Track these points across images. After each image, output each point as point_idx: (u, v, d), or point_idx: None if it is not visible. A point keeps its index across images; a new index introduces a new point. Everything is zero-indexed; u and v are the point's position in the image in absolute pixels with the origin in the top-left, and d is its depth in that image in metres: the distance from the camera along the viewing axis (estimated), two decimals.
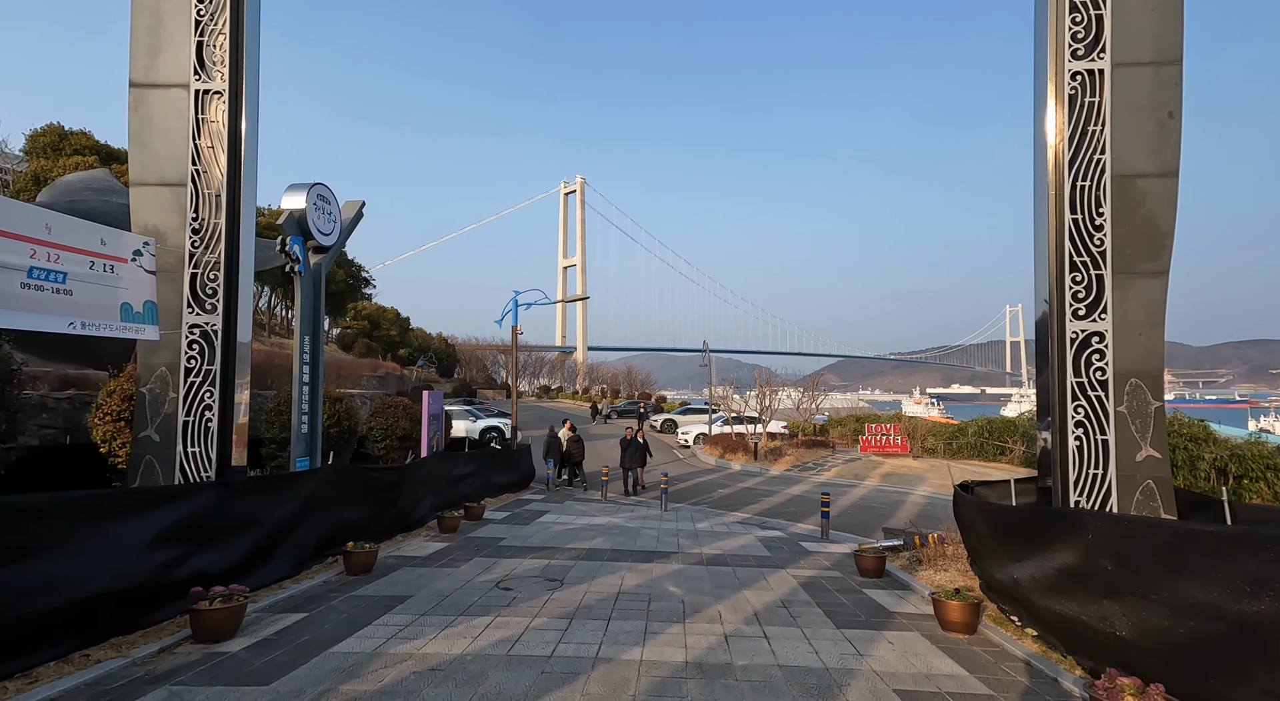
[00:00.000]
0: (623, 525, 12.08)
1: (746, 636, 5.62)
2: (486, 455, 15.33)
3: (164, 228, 7.02)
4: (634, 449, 16.86)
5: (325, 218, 10.09)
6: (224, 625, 5.05)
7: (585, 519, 12.67)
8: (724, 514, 14.63)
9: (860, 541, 11.71)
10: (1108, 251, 6.32)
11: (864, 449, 25.80)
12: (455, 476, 12.71)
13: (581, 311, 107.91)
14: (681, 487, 18.41)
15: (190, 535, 5.63)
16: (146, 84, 7.07)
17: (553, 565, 8.31)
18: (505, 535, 10.50)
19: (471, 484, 13.52)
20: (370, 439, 15.56)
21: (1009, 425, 27.64)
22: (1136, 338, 6.25)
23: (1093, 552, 4.57)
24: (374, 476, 9.10)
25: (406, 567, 7.94)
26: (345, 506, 8.31)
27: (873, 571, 8.09)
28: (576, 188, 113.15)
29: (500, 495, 15.52)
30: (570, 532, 10.95)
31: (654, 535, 11.05)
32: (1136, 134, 6.32)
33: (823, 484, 20.08)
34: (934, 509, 16.33)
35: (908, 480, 20.85)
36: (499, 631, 5.54)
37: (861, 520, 14.46)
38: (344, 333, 60.72)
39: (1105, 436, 6.20)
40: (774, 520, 14.00)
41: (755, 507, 15.61)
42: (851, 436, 33.11)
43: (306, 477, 7.51)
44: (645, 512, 13.95)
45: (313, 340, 9.91)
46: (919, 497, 18.03)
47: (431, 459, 11.45)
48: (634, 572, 8.00)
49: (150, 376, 6.91)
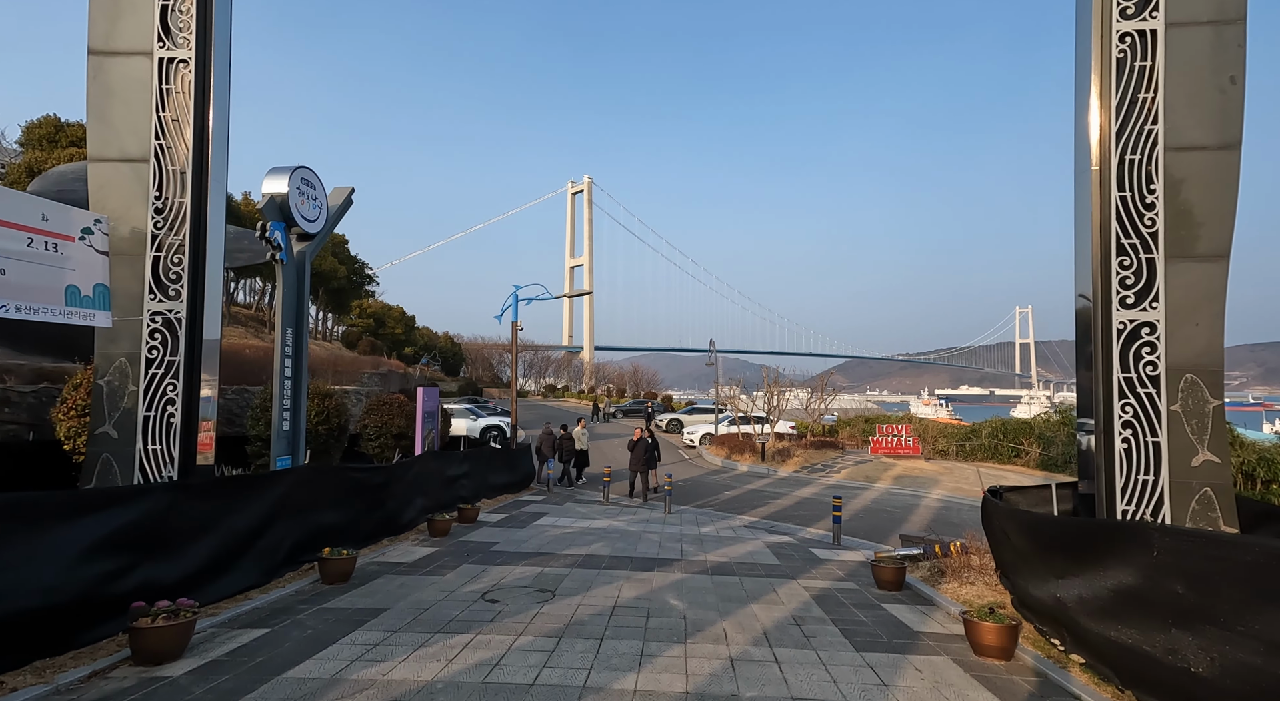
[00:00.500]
0: (623, 529, 11.49)
1: (755, 660, 5.01)
2: (484, 454, 14.76)
3: (125, 207, 6.49)
4: (643, 450, 15.88)
5: (310, 203, 9.55)
6: (167, 645, 4.50)
7: (585, 522, 12.08)
8: (730, 517, 14.02)
9: (875, 549, 11.08)
10: (1159, 232, 5.67)
11: (874, 450, 25.09)
12: (450, 477, 12.15)
13: (588, 311, 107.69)
14: (686, 489, 17.80)
15: (138, 542, 5.08)
16: (106, 51, 6.54)
17: (545, 574, 7.72)
18: (499, 539, 9.93)
19: (467, 485, 12.96)
20: (364, 437, 15.04)
21: (1024, 427, 26.87)
22: (1192, 328, 5.60)
23: (1159, 573, 3.94)
24: (357, 477, 8.55)
25: (388, 575, 7.37)
26: (324, 509, 7.76)
27: (891, 583, 7.45)
28: (584, 187, 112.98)
29: (499, 496, 14.97)
30: (568, 537, 10.37)
31: (656, 540, 10.45)
32: (1193, 101, 5.67)
33: (833, 486, 19.43)
34: (950, 513, 15.66)
35: (921, 483, 20.16)
36: (478, 652, 4.96)
37: (875, 525, 13.81)
38: (349, 330, 60.48)
39: (1156, 438, 5.56)
40: (783, 524, 13.38)
41: (763, 511, 14.99)
42: (861, 437, 32.41)
43: (278, 479, 6.95)
44: (648, 516, 13.36)
45: (296, 332, 9.37)
46: (933, 501, 17.35)
47: (423, 458, 10.90)
48: (633, 583, 7.41)
49: (108, 368, 6.38)
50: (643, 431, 16.19)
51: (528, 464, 17.24)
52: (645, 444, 15.75)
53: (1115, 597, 4.33)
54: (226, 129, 6.93)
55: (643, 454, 15.67)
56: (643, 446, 15.72)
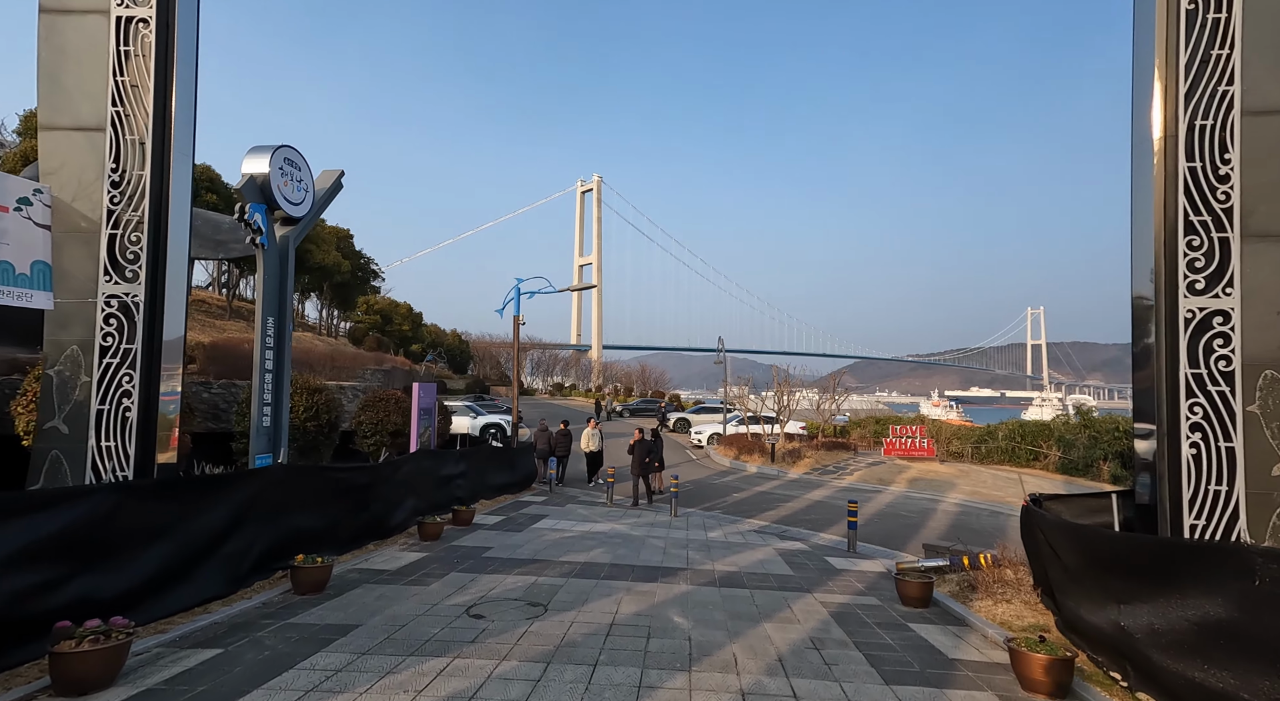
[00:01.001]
0: (626, 533, 10.86)
1: (770, 694, 4.37)
2: (483, 453, 14.17)
3: (78, 180, 5.93)
4: (643, 452, 14.94)
5: (294, 185, 8.98)
6: (94, 671, 3.92)
7: (586, 525, 11.47)
8: (739, 521, 13.36)
9: (894, 557, 10.40)
10: (1235, 208, 4.97)
11: (888, 452, 24.34)
12: (444, 476, 11.57)
13: (596, 310, 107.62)
14: (694, 491, 17.15)
15: (74, 551, 4.51)
16: (59, 9, 5.98)
17: (539, 584, 7.11)
18: (493, 544, 9.33)
19: (464, 485, 12.38)
20: (359, 434, 14.52)
21: (1042, 429, 26.02)
22: (1272, 317, 4.91)
23: (1265, 607, 3.27)
24: (339, 477, 7.97)
25: (368, 584, 6.79)
26: (301, 512, 7.18)
27: (917, 599, 6.79)
28: (593, 186, 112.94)
29: (498, 496, 14.38)
30: (566, 542, 9.76)
31: (660, 546, 9.82)
32: (1275, 58, 4.97)
33: (845, 489, 18.72)
34: (969, 518, 14.94)
35: (937, 486, 19.41)
36: (452, 681, 4.35)
37: (891, 530, 13.11)
38: (355, 327, 60.24)
39: (1230, 443, 4.87)
40: (794, 529, 12.71)
41: (773, 514, 14.32)
42: (872, 438, 31.63)
43: (246, 479, 6.37)
44: (653, 519, 12.73)
45: (278, 322, 8.81)
46: (951, 506, 16.62)
47: (415, 457, 10.32)
48: (633, 595, 6.78)
49: (59, 356, 5.83)
50: (642, 432, 15.49)
51: (529, 463, 16.65)
52: (645, 445, 15.03)
53: (1201, 631, 3.66)
54: (193, 97, 6.36)
55: (642, 456, 14.91)
56: (642, 448, 14.98)
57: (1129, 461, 22.20)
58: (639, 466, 14.82)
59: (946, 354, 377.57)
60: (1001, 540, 12.80)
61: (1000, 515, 15.75)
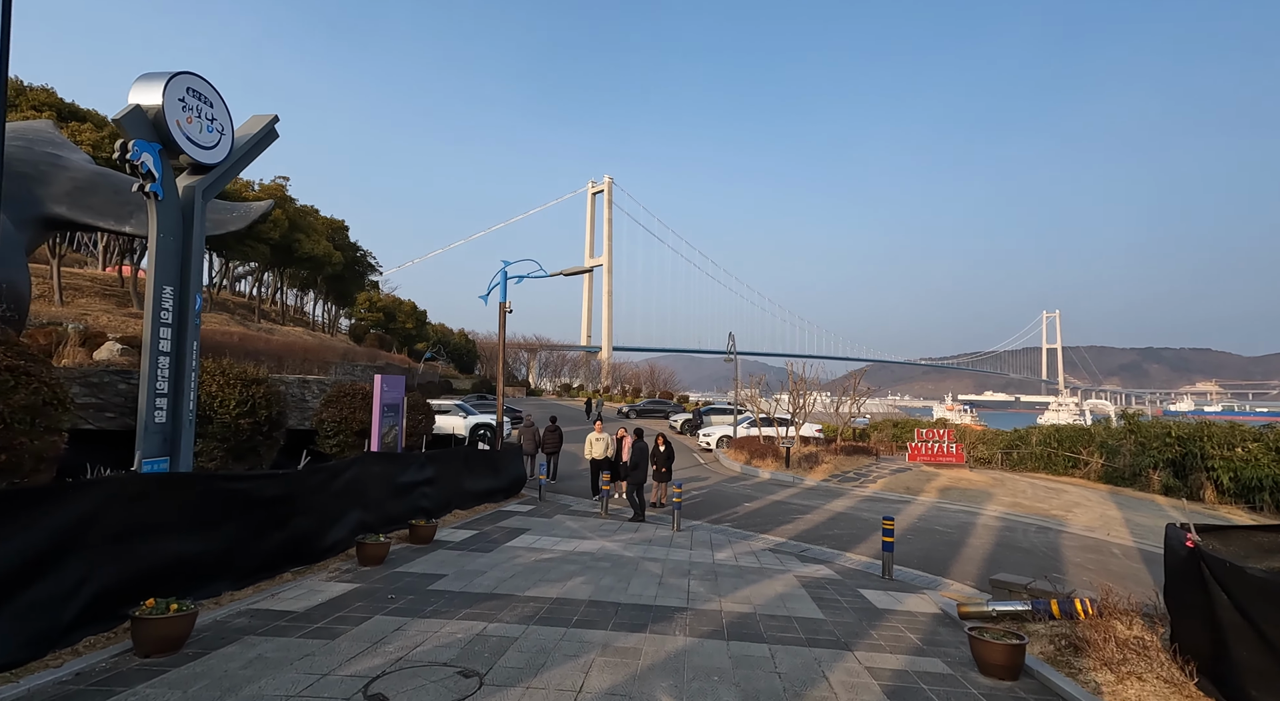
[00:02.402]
0: (618, 554, 9.06)
1: None
2: (458, 456, 12.37)
3: None
4: (638, 454, 12.69)
5: (202, 124, 7.25)
6: None
7: (571, 543, 9.67)
8: (751, 536, 11.52)
9: (939, 585, 8.53)
10: None
11: (913, 457, 22.39)
12: (404, 484, 9.80)
13: (607, 311, 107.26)
14: (701, 500, 15.31)
15: None
16: None
17: (485, 636, 5.31)
18: (448, 570, 7.54)
19: (431, 493, 10.62)
20: (321, 433, 12.81)
21: (1081, 434, 23.92)
22: None
23: None
24: (238, 488, 6.20)
25: (252, 637, 5.02)
26: (175, 535, 5.43)
27: (1004, 667, 4.91)
28: (604, 187, 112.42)
29: (477, 505, 12.62)
30: (542, 567, 7.96)
31: (656, 573, 8.00)
32: None
33: (869, 498, 16.80)
34: (1015, 535, 12.99)
35: (971, 496, 17.44)
36: None
37: (929, 550, 11.21)
38: (357, 324, 58.94)
39: None
40: (816, 548, 10.85)
41: (790, 529, 12.46)
42: (891, 442, 29.63)
43: (76, 494, 4.61)
44: (651, 534, 10.91)
45: (178, 294, 7.08)
46: (991, 520, 14.66)
47: (361, 461, 8.57)
48: (610, 657, 4.96)
49: None
50: (628, 433, 13.54)
51: (516, 467, 14.88)
52: (641, 449, 12.82)
53: None
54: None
55: (641, 460, 12.72)
56: (638, 451, 12.76)
57: (1182, 470, 20.14)
58: (631, 470, 12.77)
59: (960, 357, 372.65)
60: (1057, 562, 10.91)
61: (1049, 530, 13.79)
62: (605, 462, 13.75)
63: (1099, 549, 12.40)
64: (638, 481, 12.61)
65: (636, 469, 12.68)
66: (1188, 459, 19.79)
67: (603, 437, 13.92)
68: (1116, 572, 10.75)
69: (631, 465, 12.73)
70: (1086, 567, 10.95)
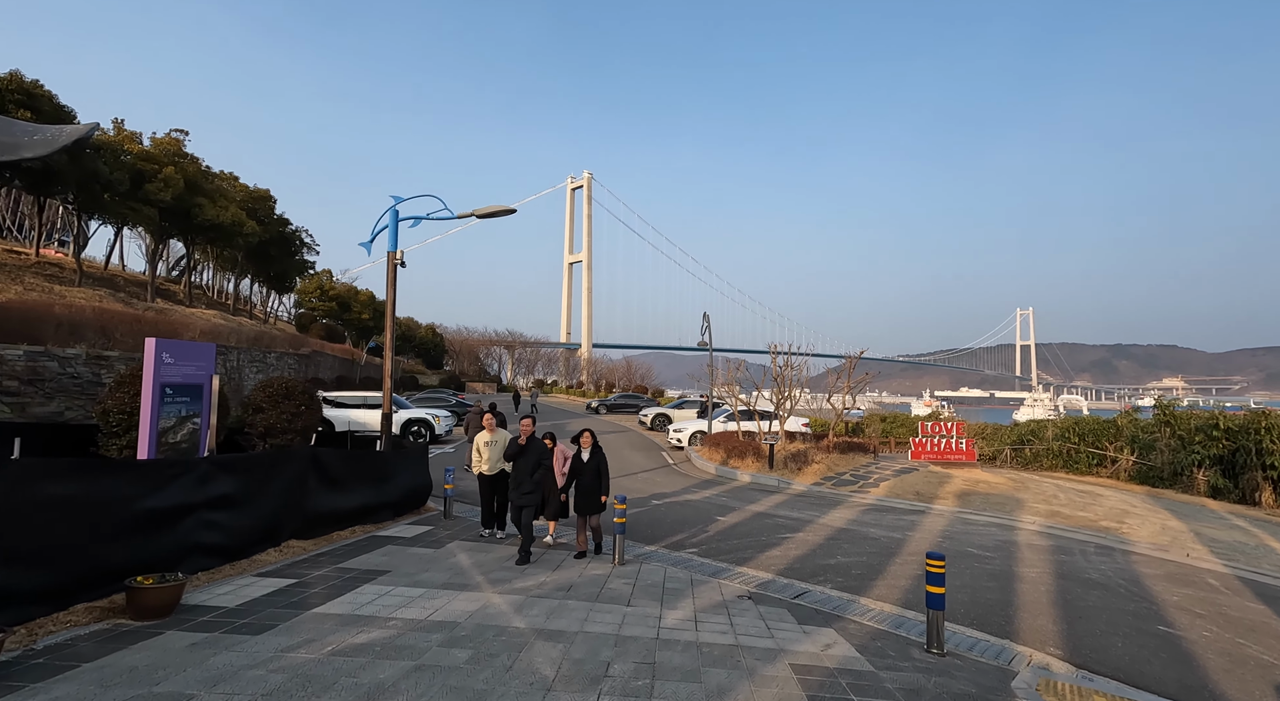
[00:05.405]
0: (501, 622, 5.48)
1: None
2: (299, 458, 8.38)
3: None
4: (560, 462, 8.43)
5: None
6: None
7: (437, 599, 6.06)
8: (724, 572, 8.03)
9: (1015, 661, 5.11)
10: None
11: (916, 455, 19.14)
12: (154, 512, 5.98)
13: (586, 308, 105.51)
14: (660, 515, 11.77)
15: None
16: None
17: None
18: (126, 691, 3.90)
19: (229, 521, 6.83)
20: (104, 429, 9.01)
21: (1106, 428, 20.88)
22: None
23: None
24: None
25: None
26: None
27: None
28: (584, 183, 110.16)
29: (340, 530, 8.92)
30: (334, 666, 4.35)
31: (543, 675, 4.43)
32: None
33: (875, 508, 13.43)
34: (1077, 562, 9.67)
35: (997, 503, 14.17)
36: None
37: (974, 588, 7.86)
38: (304, 313, 54.29)
39: None
40: (815, 589, 7.43)
41: (777, 556, 9.00)
42: (879, 438, 26.49)
43: None
44: (577, 574, 7.34)
45: None
46: (1033, 537, 11.35)
47: (24, 476, 4.83)
48: None
49: None
50: (532, 430, 8.26)
51: (416, 475, 11.16)
52: (565, 457, 8.46)
53: None
54: None
55: (563, 471, 8.34)
56: (560, 459, 8.44)
57: (1231, 468, 17.18)
58: (549, 493, 8.38)
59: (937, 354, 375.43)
60: (1150, 604, 6.98)
61: (1113, 552, 10.52)
62: (501, 482, 8.93)
63: (1190, 579, 9.12)
64: (528, 502, 7.99)
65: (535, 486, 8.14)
66: (1239, 455, 16.77)
67: (497, 441, 8.93)
68: (1237, 619, 7.46)
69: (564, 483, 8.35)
70: (1194, 612, 7.63)
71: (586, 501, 8.14)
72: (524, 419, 8.40)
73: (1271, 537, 12.21)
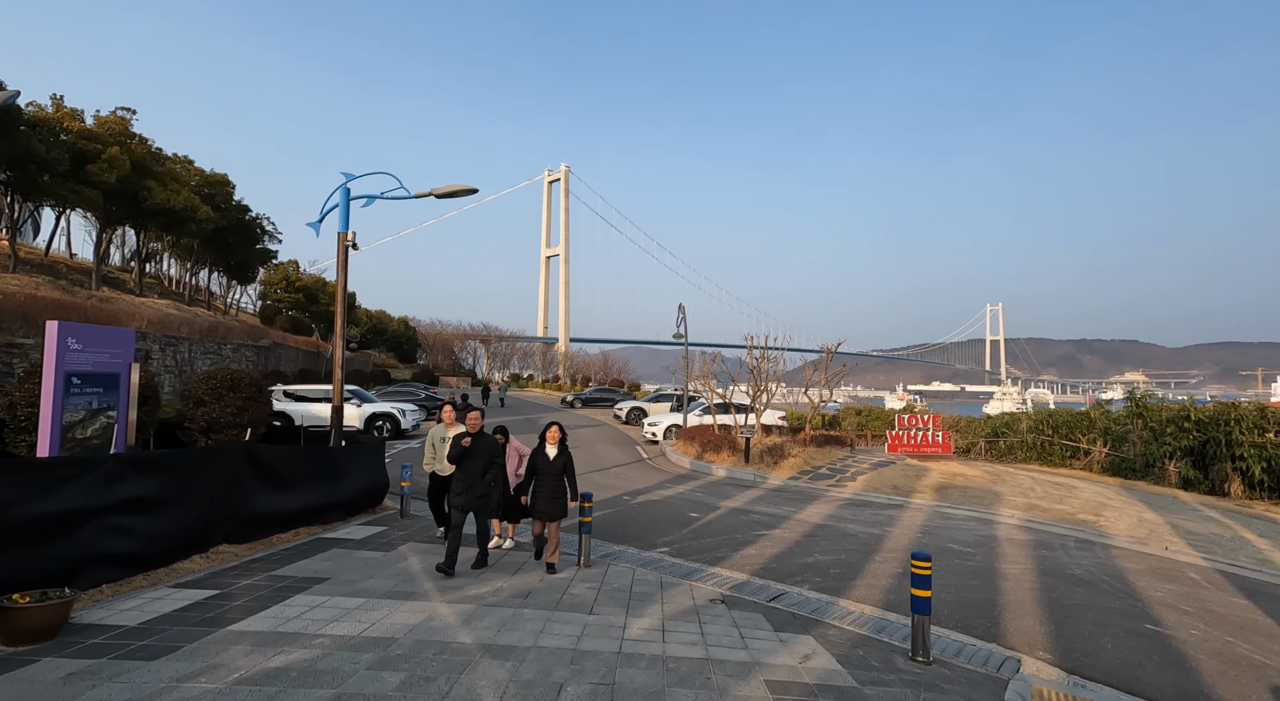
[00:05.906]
0: (445, 636, 4.89)
1: None
2: (230, 454, 7.52)
3: None
4: (518, 463, 8.00)
5: None
6: None
7: (379, 609, 5.44)
8: (696, 573, 7.53)
9: (1004, 667, 4.70)
10: None
11: (893, 448, 18.91)
12: (44, 517, 5.24)
13: (564, 301, 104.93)
14: (632, 513, 11.25)
15: None
16: None
17: None
18: None
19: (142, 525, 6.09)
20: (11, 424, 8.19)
21: (1079, 420, 20.93)
22: None
23: None
24: None
25: None
26: None
27: None
28: (561, 176, 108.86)
29: (280, 532, 8.19)
30: (241, 695, 3.73)
31: (490, 695, 3.87)
32: None
33: (853, 502, 13.08)
34: (1058, 556, 9.39)
35: (975, 497, 13.94)
36: None
37: (958, 587, 7.49)
38: (269, 304, 52.48)
39: None
40: (793, 591, 6.97)
41: (753, 555, 8.54)
42: (854, 431, 26.34)
43: None
44: (533, 581, 6.75)
45: None
46: (1013, 531, 11.09)
47: None
48: None
49: None
50: (480, 425, 7.06)
51: (371, 472, 10.47)
52: (520, 456, 8.01)
53: None
54: None
55: (515, 474, 7.86)
56: (514, 457, 7.97)
57: (1202, 460, 17.27)
58: (507, 495, 7.89)
59: (909, 349, 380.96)
60: (1135, 600, 6.94)
61: (1093, 546, 10.30)
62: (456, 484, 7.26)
63: (1172, 574, 8.90)
64: (479, 507, 7.04)
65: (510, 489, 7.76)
66: (1209, 447, 16.84)
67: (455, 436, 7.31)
68: (1224, 616, 7.21)
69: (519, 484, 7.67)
70: (1180, 608, 7.37)
71: (550, 505, 7.08)
72: (471, 413, 7.10)
73: (1245, 529, 12.14)
